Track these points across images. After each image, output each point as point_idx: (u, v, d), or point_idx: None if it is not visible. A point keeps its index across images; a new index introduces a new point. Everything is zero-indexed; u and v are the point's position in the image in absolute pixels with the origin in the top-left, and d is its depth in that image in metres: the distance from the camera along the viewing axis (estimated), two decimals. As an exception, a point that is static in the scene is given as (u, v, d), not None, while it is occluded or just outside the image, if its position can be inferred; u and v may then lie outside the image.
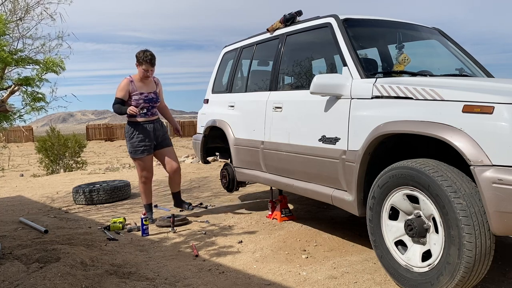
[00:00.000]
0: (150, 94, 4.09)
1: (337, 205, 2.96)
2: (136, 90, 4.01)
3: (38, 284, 2.48)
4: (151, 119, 4.14)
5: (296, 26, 3.63)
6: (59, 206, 5.38)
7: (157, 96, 4.14)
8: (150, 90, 4.10)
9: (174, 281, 2.66)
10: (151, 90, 4.11)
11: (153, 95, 4.11)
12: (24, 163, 15.30)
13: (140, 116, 4.05)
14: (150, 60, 3.97)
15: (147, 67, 3.95)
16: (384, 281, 2.58)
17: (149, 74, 4.00)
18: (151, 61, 3.98)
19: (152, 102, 4.11)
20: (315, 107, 3.10)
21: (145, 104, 4.03)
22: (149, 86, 4.11)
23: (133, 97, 3.99)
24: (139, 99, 4.01)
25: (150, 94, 4.08)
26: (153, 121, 4.16)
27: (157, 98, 4.15)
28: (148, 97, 4.07)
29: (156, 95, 4.14)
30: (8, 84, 4.12)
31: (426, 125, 2.23)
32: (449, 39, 3.75)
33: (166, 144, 4.24)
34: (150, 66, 3.98)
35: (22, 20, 4.69)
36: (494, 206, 1.95)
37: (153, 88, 4.14)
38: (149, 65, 3.96)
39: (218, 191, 5.82)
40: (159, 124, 4.21)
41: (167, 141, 4.26)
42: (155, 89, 4.15)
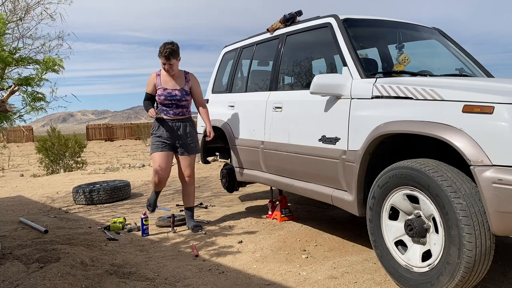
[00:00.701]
0: (174, 91, 3.72)
1: (337, 205, 2.95)
2: (161, 85, 3.74)
3: (38, 284, 2.48)
4: (175, 119, 3.78)
5: (296, 26, 3.63)
6: (59, 206, 5.38)
7: (183, 94, 3.75)
8: (176, 87, 3.75)
9: (174, 281, 2.66)
10: (178, 87, 3.75)
11: (177, 93, 3.73)
12: (24, 163, 15.31)
13: (163, 114, 3.77)
14: (165, 53, 3.62)
15: (163, 61, 3.66)
16: (384, 281, 2.58)
17: (167, 68, 3.68)
18: (166, 55, 3.63)
19: (176, 100, 3.73)
20: (315, 107, 3.10)
21: (166, 102, 3.72)
22: (177, 81, 3.77)
23: (157, 91, 3.76)
24: (161, 95, 3.72)
25: (174, 91, 3.72)
26: (177, 121, 3.79)
27: (183, 96, 3.75)
28: (171, 94, 3.71)
29: (183, 93, 3.75)
30: (8, 84, 4.12)
31: (426, 125, 2.23)
32: (449, 39, 3.75)
33: (187, 151, 3.84)
34: (166, 60, 3.64)
35: (22, 20, 4.69)
36: (494, 206, 1.95)
37: (181, 85, 3.77)
38: (165, 59, 3.64)
39: (218, 191, 5.82)
40: (186, 126, 3.82)
41: (189, 147, 3.84)
42: (183, 86, 3.78)
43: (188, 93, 3.80)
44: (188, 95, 3.80)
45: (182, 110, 3.80)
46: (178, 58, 3.71)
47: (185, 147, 3.83)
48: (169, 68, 3.69)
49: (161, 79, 3.76)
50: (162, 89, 3.73)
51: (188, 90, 3.80)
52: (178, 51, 3.70)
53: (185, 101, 3.77)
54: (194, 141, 3.88)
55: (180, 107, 3.77)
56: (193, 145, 3.88)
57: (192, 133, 3.84)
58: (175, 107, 3.76)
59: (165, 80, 3.75)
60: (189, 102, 3.84)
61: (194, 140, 3.88)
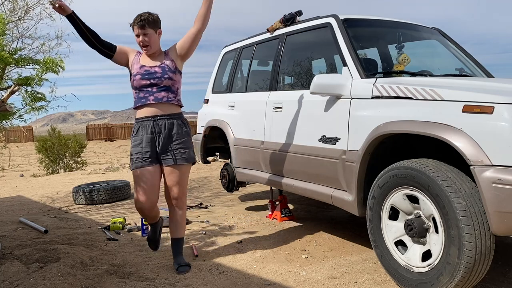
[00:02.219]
0: (154, 68, 2.78)
1: (337, 205, 2.95)
2: (138, 62, 2.84)
3: (38, 284, 2.48)
4: (153, 114, 2.77)
5: (296, 26, 3.63)
6: (59, 206, 5.38)
7: (165, 70, 2.78)
8: (156, 63, 2.82)
9: (174, 281, 2.66)
10: (158, 63, 2.81)
11: (157, 69, 2.77)
12: (24, 163, 15.30)
13: (137, 102, 2.81)
14: (140, 21, 2.75)
15: (137, 31, 2.75)
16: (384, 281, 2.58)
17: (142, 40, 2.75)
18: (140, 23, 2.74)
19: (156, 78, 2.76)
20: (315, 107, 3.10)
21: (143, 82, 2.76)
22: (158, 60, 2.85)
23: (132, 71, 2.84)
24: (137, 74, 2.78)
25: (153, 68, 2.78)
26: (162, 117, 2.78)
27: (165, 73, 2.77)
28: (149, 71, 2.77)
29: (165, 69, 2.78)
30: (8, 84, 4.12)
31: (426, 125, 2.23)
32: (449, 39, 3.75)
33: (174, 159, 2.79)
34: (141, 29, 2.74)
35: (21, 20, 4.69)
36: (494, 206, 1.95)
37: (163, 60, 2.83)
38: (139, 28, 2.74)
39: (218, 191, 5.82)
40: (173, 124, 2.80)
41: (176, 154, 2.79)
42: (164, 61, 2.82)
43: (173, 69, 2.81)
44: (173, 72, 2.80)
45: (167, 94, 2.79)
46: (157, 30, 2.82)
47: (171, 153, 2.78)
48: (145, 42, 2.76)
49: (140, 58, 2.87)
50: (139, 66, 2.80)
51: (172, 66, 2.81)
52: (158, 21, 2.83)
53: (168, 79, 2.77)
54: (186, 146, 2.82)
55: (163, 89, 2.78)
56: (184, 151, 2.80)
57: (182, 134, 2.81)
58: (157, 90, 2.77)
59: (143, 60, 2.85)
60: (175, 84, 2.83)
61: (186, 145, 2.82)
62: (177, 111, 2.85)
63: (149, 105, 2.78)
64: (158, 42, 2.86)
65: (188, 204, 5.02)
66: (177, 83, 2.86)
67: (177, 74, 2.85)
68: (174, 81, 2.83)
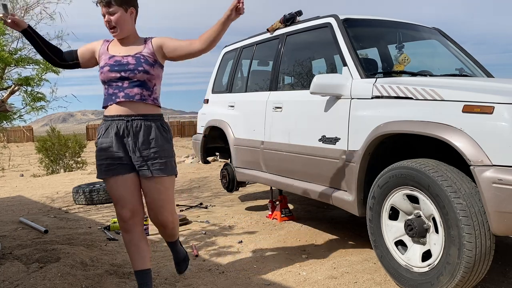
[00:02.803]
0: (126, 59, 2.22)
1: (337, 205, 2.95)
2: (107, 52, 2.29)
3: (38, 284, 2.48)
4: (126, 113, 2.21)
5: (296, 26, 3.63)
6: (59, 206, 5.38)
7: (139, 62, 2.20)
8: (130, 52, 2.26)
9: (174, 281, 2.66)
10: (131, 53, 2.25)
11: (130, 60, 2.21)
12: (24, 163, 15.30)
13: (106, 100, 2.26)
14: None
15: (102, 11, 2.22)
16: (384, 281, 2.58)
17: (107, 20, 2.21)
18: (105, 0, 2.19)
19: (128, 71, 2.19)
20: (315, 107, 3.10)
21: (112, 75, 2.21)
22: (132, 48, 2.28)
23: (100, 63, 2.30)
24: (105, 66, 2.24)
25: (125, 59, 2.22)
26: (135, 118, 2.21)
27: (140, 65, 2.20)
28: (120, 62, 2.22)
29: (140, 60, 2.21)
30: (8, 84, 4.12)
31: (426, 125, 2.23)
32: (449, 39, 3.75)
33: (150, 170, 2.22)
34: (106, 8, 2.20)
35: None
36: (494, 206, 1.95)
37: (139, 50, 2.26)
38: (104, 6, 2.21)
39: (218, 191, 5.82)
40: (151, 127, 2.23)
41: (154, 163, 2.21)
42: (140, 50, 2.26)
43: (151, 61, 2.23)
44: (151, 65, 2.23)
45: (141, 91, 2.21)
46: (129, 9, 2.25)
47: (148, 162, 2.21)
48: (111, 23, 2.21)
49: (108, 46, 2.33)
50: (108, 56, 2.26)
51: (150, 57, 2.24)
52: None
53: (143, 72, 2.20)
54: (166, 155, 2.25)
55: (135, 84, 2.21)
56: (164, 161, 2.23)
57: (162, 141, 2.24)
58: (128, 85, 2.20)
59: (113, 48, 2.32)
60: (152, 79, 2.24)
61: (166, 154, 2.25)
62: (156, 112, 2.27)
63: (119, 103, 2.21)
64: (130, 23, 2.28)
65: (188, 204, 5.02)
66: (155, 79, 2.26)
67: (156, 67, 2.25)
68: (150, 76, 2.22)
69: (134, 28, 2.33)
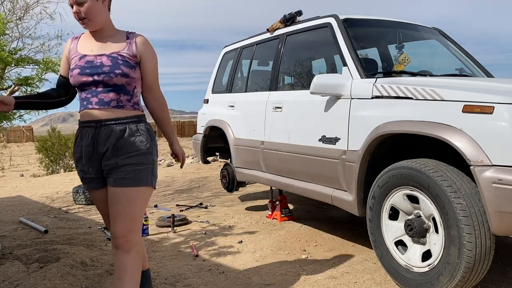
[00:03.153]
0: (99, 59, 1.89)
1: (337, 205, 2.96)
2: (77, 51, 1.95)
3: (38, 284, 2.48)
4: (96, 118, 1.91)
5: (296, 26, 3.63)
6: (59, 206, 5.38)
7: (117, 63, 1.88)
8: (105, 50, 1.92)
9: (174, 281, 2.66)
10: (107, 51, 1.92)
11: (104, 61, 1.89)
12: (24, 163, 15.30)
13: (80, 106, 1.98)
14: None
15: (70, 1, 1.88)
16: (384, 281, 2.58)
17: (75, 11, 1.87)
18: None
19: (101, 74, 1.87)
20: (315, 107, 3.10)
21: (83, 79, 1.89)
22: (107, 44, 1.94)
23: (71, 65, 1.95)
24: (75, 68, 1.91)
25: (98, 59, 1.89)
26: (102, 123, 1.90)
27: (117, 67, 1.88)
28: (92, 63, 1.89)
29: (117, 61, 1.88)
30: (8, 84, 4.12)
31: (426, 125, 2.23)
32: (449, 39, 3.75)
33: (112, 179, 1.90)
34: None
35: (21, 20, 4.69)
36: (494, 206, 1.95)
37: (116, 49, 1.93)
38: None
39: (218, 191, 5.82)
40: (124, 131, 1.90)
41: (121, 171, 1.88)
42: (120, 49, 1.92)
43: (131, 63, 1.92)
44: (131, 67, 1.91)
45: (117, 96, 1.91)
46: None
47: (114, 170, 1.90)
48: (80, 14, 1.87)
49: (78, 43, 1.98)
50: (79, 57, 1.93)
51: (130, 58, 1.92)
52: None
53: (122, 76, 1.88)
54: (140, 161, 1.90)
55: (111, 89, 1.90)
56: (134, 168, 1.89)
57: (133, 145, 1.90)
58: (103, 90, 1.90)
59: (84, 44, 1.97)
60: (132, 82, 1.94)
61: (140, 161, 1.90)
62: (132, 114, 1.94)
63: (92, 109, 1.91)
64: (103, 12, 1.92)
65: (188, 204, 5.02)
66: (135, 82, 1.95)
67: (138, 69, 1.96)
68: (130, 79, 1.91)
69: (109, 18, 1.98)
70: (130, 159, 1.89)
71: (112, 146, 1.90)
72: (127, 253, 1.90)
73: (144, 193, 1.94)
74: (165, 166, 9.78)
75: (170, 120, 2.13)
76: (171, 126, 2.14)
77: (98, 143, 1.91)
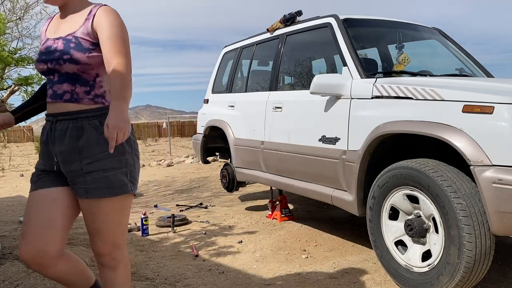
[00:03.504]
0: (56, 43, 1.61)
1: (337, 205, 2.96)
2: (44, 34, 1.71)
3: (38, 284, 2.48)
4: (50, 112, 1.65)
5: (296, 26, 3.63)
6: (59, 206, 5.37)
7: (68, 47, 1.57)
8: (62, 32, 1.63)
9: (174, 281, 2.66)
10: (65, 33, 1.62)
11: (58, 45, 1.60)
12: (24, 163, 15.29)
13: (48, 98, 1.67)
14: None
15: None
16: (384, 281, 2.57)
17: None
18: None
19: (52, 61, 1.60)
20: (315, 107, 3.10)
21: (41, 67, 1.64)
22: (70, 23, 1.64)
23: None
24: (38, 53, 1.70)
25: (56, 43, 1.61)
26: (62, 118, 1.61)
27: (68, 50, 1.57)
28: (48, 47, 1.63)
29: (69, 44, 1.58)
30: (8, 84, 4.12)
31: (426, 125, 2.23)
32: (449, 39, 3.75)
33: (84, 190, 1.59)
34: None
35: (21, 20, 4.69)
36: (494, 206, 1.95)
37: (74, 28, 1.61)
38: None
39: (218, 191, 5.82)
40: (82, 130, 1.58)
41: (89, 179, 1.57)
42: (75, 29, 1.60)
43: (86, 46, 1.57)
44: (85, 50, 1.57)
45: (72, 87, 1.60)
46: None
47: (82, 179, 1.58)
48: None
49: (48, 25, 1.73)
50: (43, 42, 1.69)
51: (85, 39, 1.58)
52: None
53: (70, 62, 1.56)
54: (107, 165, 1.58)
55: (64, 79, 1.61)
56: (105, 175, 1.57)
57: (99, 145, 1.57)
58: (58, 80, 1.62)
59: (51, 26, 1.71)
60: (89, 69, 1.60)
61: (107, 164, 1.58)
62: (92, 106, 1.60)
63: (49, 102, 1.66)
64: None
65: (188, 204, 5.02)
66: (95, 68, 1.60)
67: (91, 51, 1.57)
68: (84, 66, 1.57)
69: None
70: (97, 164, 1.56)
71: (70, 148, 1.57)
72: (114, 270, 1.70)
73: (123, 203, 1.63)
74: (165, 166, 9.78)
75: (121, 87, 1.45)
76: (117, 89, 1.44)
77: (52, 142, 1.63)
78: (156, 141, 22.85)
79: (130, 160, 1.63)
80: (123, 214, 1.67)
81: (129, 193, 1.64)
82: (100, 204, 1.60)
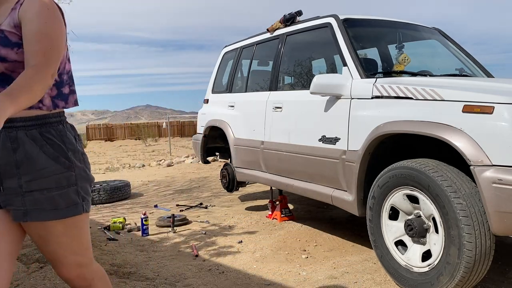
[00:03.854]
0: None
1: (337, 205, 2.96)
2: None
3: (38, 284, 2.48)
4: None
5: (296, 26, 3.63)
6: (59, 206, 5.37)
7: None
8: None
9: (174, 281, 2.66)
10: None
11: None
12: (24, 163, 15.29)
13: None
14: None
15: None
16: (384, 281, 2.57)
17: None
18: None
19: None
20: (315, 107, 3.10)
21: None
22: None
23: None
24: None
25: None
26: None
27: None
28: None
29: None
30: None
31: (426, 125, 2.23)
32: (449, 39, 3.76)
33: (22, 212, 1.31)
34: None
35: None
36: (494, 206, 1.95)
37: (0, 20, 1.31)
38: None
39: (218, 191, 5.82)
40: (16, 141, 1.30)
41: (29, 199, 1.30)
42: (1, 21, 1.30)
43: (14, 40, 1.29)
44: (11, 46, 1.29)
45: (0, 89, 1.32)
46: None
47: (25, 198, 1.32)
48: None
49: None
50: None
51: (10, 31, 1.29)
52: None
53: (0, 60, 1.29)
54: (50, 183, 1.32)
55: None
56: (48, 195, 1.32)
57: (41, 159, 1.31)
58: None
59: None
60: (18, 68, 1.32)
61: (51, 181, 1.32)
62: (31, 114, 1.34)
63: None
64: None
65: (188, 204, 5.02)
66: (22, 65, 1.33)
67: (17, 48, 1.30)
68: (12, 64, 1.31)
69: None
70: (39, 182, 1.31)
71: (6, 161, 1.31)
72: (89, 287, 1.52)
73: (75, 224, 1.39)
74: (165, 166, 9.78)
75: (21, 90, 1.16)
76: (15, 89, 1.15)
77: None
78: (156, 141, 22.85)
79: (80, 175, 1.38)
80: (81, 232, 1.42)
81: (80, 214, 1.39)
82: (46, 227, 1.34)
